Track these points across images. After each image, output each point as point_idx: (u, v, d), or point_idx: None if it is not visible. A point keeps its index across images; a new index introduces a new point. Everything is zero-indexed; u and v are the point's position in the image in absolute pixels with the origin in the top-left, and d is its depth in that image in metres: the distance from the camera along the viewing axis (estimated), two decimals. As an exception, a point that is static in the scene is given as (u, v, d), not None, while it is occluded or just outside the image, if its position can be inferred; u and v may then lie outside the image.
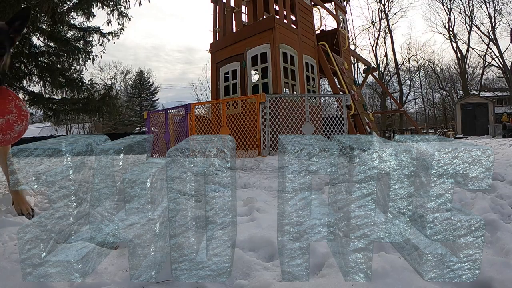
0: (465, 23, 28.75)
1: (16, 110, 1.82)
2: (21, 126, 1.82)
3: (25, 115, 1.85)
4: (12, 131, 1.79)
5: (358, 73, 16.78)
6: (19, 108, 1.83)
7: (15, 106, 1.82)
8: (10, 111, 1.81)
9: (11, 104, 1.82)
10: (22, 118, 1.83)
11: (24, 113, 1.84)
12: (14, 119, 1.81)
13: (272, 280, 1.05)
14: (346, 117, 5.74)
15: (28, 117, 1.86)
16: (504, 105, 26.97)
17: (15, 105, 1.83)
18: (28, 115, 1.86)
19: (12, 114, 1.81)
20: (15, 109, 1.82)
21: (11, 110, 1.81)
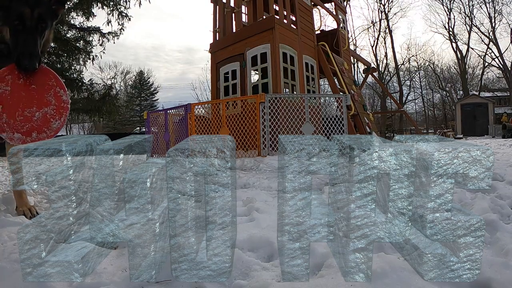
0: (465, 24, 28.78)
1: (56, 100, 1.52)
2: (59, 122, 1.53)
3: (65, 108, 1.54)
4: (49, 129, 1.50)
5: (358, 73, 16.78)
6: (59, 98, 1.53)
7: (54, 96, 1.51)
8: (48, 102, 1.51)
9: (50, 93, 1.52)
10: (61, 112, 1.53)
11: (64, 104, 1.54)
12: (52, 114, 1.51)
13: (271, 281, 1.05)
14: (346, 117, 5.74)
15: (68, 109, 1.55)
16: (504, 105, 26.98)
17: (55, 93, 1.52)
18: (68, 107, 1.55)
19: (50, 107, 1.50)
20: (54, 99, 1.52)
21: (49, 101, 1.51)
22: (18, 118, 1.45)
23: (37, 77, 1.51)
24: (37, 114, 1.48)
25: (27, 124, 1.46)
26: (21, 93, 1.47)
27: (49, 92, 1.52)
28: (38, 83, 1.51)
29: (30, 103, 1.48)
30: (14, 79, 1.46)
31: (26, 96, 1.47)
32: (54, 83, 1.53)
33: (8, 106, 1.43)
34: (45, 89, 1.52)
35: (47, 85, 1.52)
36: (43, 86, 1.52)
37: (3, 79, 1.44)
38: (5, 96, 1.43)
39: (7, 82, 1.45)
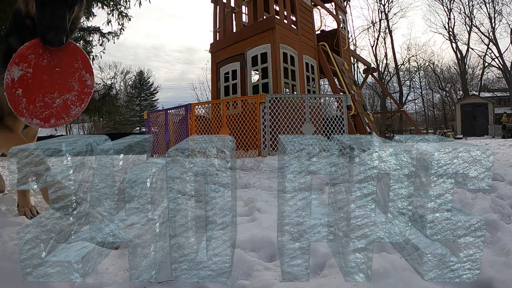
0: (465, 24, 28.79)
1: (79, 86, 1.40)
2: (79, 109, 1.41)
3: (88, 93, 1.43)
4: (68, 115, 1.39)
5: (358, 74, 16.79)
6: (83, 83, 1.41)
7: (78, 80, 1.39)
8: (71, 88, 1.39)
9: (75, 77, 1.40)
10: (83, 98, 1.41)
11: (88, 90, 1.42)
12: (73, 100, 1.40)
13: (274, 280, 1.05)
14: (346, 117, 5.74)
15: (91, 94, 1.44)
16: (504, 105, 26.98)
17: (80, 78, 1.40)
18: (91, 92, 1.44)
19: (73, 93, 1.39)
20: (77, 84, 1.40)
21: (72, 86, 1.39)
22: (38, 104, 1.35)
23: (62, 58, 1.39)
24: (58, 100, 1.38)
25: (47, 111, 1.37)
26: (44, 76, 1.36)
27: (74, 77, 1.40)
28: (63, 65, 1.39)
29: (51, 89, 1.37)
30: (37, 60, 1.35)
31: (49, 81, 1.36)
32: (81, 66, 1.41)
33: (28, 91, 1.33)
34: (70, 72, 1.40)
35: (72, 68, 1.40)
36: (68, 69, 1.39)
37: (25, 59, 1.33)
38: (26, 80, 1.33)
39: (30, 62, 1.34)
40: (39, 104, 1.35)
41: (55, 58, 1.38)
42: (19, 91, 1.32)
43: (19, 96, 1.32)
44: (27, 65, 1.34)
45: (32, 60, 1.35)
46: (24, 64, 1.34)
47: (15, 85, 1.32)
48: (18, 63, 1.33)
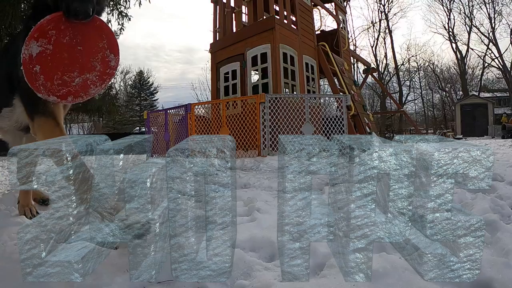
0: (465, 24, 28.79)
1: (102, 66, 1.33)
2: (98, 88, 1.36)
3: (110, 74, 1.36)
4: (86, 93, 1.34)
5: (357, 74, 16.80)
6: (106, 64, 1.33)
7: (101, 60, 1.33)
8: (92, 67, 1.32)
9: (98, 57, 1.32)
10: (104, 78, 1.35)
11: (110, 71, 1.35)
12: (93, 80, 1.33)
13: (273, 281, 1.05)
14: (346, 117, 5.74)
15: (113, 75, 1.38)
16: (503, 106, 26.99)
17: (103, 58, 1.32)
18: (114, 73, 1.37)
19: (93, 73, 1.32)
20: (100, 64, 1.32)
21: (94, 66, 1.32)
22: (56, 82, 1.29)
23: (86, 35, 1.29)
24: (77, 80, 1.31)
25: (65, 89, 1.30)
26: (64, 54, 1.27)
27: (97, 56, 1.32)
28: (86, 44, 1.30)
29: (71, 68, 1.29)
30: (58, 36, 1.26)
31: (69, 59, 1.28)
32: (105, 45, 1.32)
33: (46, 68, 1.26)
34: (93, 52, 1.31)
35: (95, 48, 1.31)
36: (91, 48, 1.30)
37: (45, 34, 1.24)
38: (45, 57, 1.25)
39: (50, 38, 1.25)
40: (57, 82, 1.28)
41: (78, 36, 1.28)
42: (37, 68, 1.24)
43: (36, 73, 1.25)
44: (46, 41, 1.25)
45: (52, 36, 1.25)
46: (43, 40, 1.24)
47: (32, 61, 1.24)
48: (37, 38, 1.23)
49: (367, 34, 39.93)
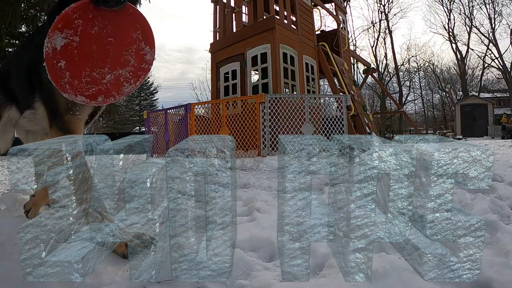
0: (465, 24, 28.82)
1: (136, 60, 1.18)
2: (132, 86, 1.20)
3: (145, 69, 1.20)
4: (118, 93, 1.19)
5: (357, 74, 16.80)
6: (141, 57, 1.18)
7: (136, 54, 1.17)
8: (125, 62, 1.17)
9: (131, 50, 1.17)
10: (139, 74, 1.19)
11: (146, 65, 1.20)
12: (127, 76, 1.18)
13: (273, 280, 1.05)
14: (346, 117, 5.74)
15: (149, 70, 1.22)
16: (503, 106, 27.01)
17: (137, 51, 1.17)
18: (149, 68, 1.21)
19: (127, 69, 1.17)
20: (134, 58, 1.17)
21: (127, 60, 1.17)
22: (84, 80, 1.15)
23: (117, 25, 1.15)
24: (109, 76, 1.16)
25: (94, 87, 1.16)
26: (93, 47, 1.13)
27: (130, 49, 1.17)
28: (118, 35, 1.15)
29: (102, 62, 1.15)
30: (85, 27, 1.12)
31: (98, 52, 1.14)
32: (140, 36, 1.16)
33: (73, 63, 1.12)
34: (126, 44, 1.16)
35: (129, 39, 1.16)
36: (124, 40, 1.15)
37: (70, 24, 1.11)
38: (71, 50, 1.11)
39: (76, 29, 1.11)
40: (85, 79, 1.15)
41: (108, 26, 1.14)
42: (62, 63, 1.11)
43: (61, 69, 1.11)
44: (72, 32, 1.11)
45: (79, 26, 1.11)
46: (69, 30, 1.11)
47: (56, 55, 1.11)
48: (61, 29, 1.10)
49: (367, 34, 39.98)
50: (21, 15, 6.02)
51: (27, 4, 7.73)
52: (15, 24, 6.14)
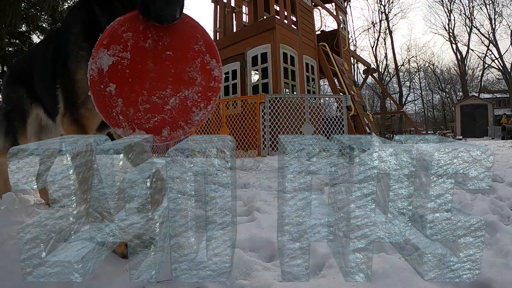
0: (465, 25, 28.85)
1: (203, 77, 0.96)
2: (204, 112, 0.99)
3: (215, 89, 0.99)
4: (188, 123, 0.98)
5: (358, 74, 16.79)
6: (208, 73, 0.97)
7: (201, 69, 0.96)
8: (191, 80, 0.95)
9: (196, 64, 0.96)
10: (209, 96, 0.98)
11: (215, 84, 0.98)
12: (195, 100, 0.96)
13: (273, 280, 1.05)
14: (346, 118, 5.74)
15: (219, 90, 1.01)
16: (503, 106, 27.02)
17: (202, 65, 0.96)
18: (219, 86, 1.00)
19: (194, 89, 0.96)
20: (200, 75, 0.97)
21: (193, 78, 0.96)
22: (142, 107, 0.95)
23: (175, 36, 0.96)
24: (172, 100, 0.95)
25: (156, 117, 0.96)
26: (148, 64, 0.94)
27: (194, 64, 0.96)
28: (177, 46, 0.96)
29: (162, 82, 0.95)
30: (137, 40, 0.94)
31: (157, 70, 0.95)
32: (203, 48, 0.97)
33: (126, 86, 0.93)
34: (188, 58, 0.96)
35: (191, 52, 0.96)
36: (185, 52, 0.96)
37: (117, 38, 0.93)
38: (121, 70, 0.93)
39: (125, 44, 0.93)
40: (143, 106, 0.95)
41: (164, 37, 0.95)
42: (111, 87, 0.92)
43: (111, 96, 0.92)
44: (121, 47, 0.93)
45: (129, 40, 0.93)
46: (117, 46, 0.93)
47: (104, 78, 0.92)
48: (107, 45, 0.92)
49: (367, 35, 39.97)
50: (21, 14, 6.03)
51: (28, 4, 7.75)
52: (15, 23, 6.14)
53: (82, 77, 1.05)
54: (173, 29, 0.96)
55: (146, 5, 0.90)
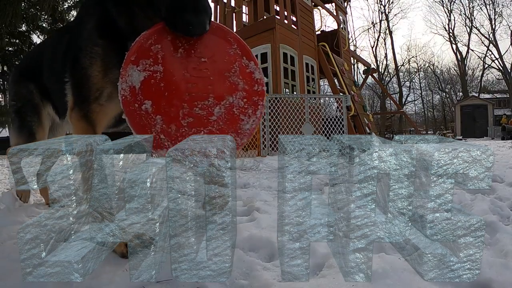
0: (465, 25, 28.87)
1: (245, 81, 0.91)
2: (253, 119, 0.93)
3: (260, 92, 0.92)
4: (238, 133, 0.92)
5: (358, 74, 16.80)
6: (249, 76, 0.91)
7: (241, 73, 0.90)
8: (233, 85, 0.90)
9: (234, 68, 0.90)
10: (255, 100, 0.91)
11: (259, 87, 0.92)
12: (242, 107, 0.90)
13: (272, 280, 1.05)
14: (346, 118, 5.75)
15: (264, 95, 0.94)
16: (503, 107, 27.04)
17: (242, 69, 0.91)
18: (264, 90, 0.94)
19: (238, 94, 0.90)
20: (241, 79, 0.91)
21: (234, 83, 0.90)
22: (185, 121, 0.89)
23: (206, 42, 0.91)
24: (217, 109, 0.89)
25: (202, 130, 0.90)
26: (184, 73, 0.88)
27: (232, 68, 0.91)
28: (212, 52, 0.90)
29: (202, 91, 0.89)
30: (167, 50, 0.89)
31: (194, 80, 0.89)
32: (238, 51, 0.92)
33: (162, 101, 0.86)
34: (225, 62, 0.90)
35: (227, 56, 0.91)
36: (221, 57, 0.91)
37: (146, 52, 0.88)
38: (155, 84, 0.87)
39: (155, 57, 0.88)
40: (186, 120, 0.89)
41: (196, 44, 0.90)
42: (147, 104, 0.87)
43: (147, 114, 0.87)
44: (151, 61, 0.89)
45: (158, 52, 0.89)
46: (146, 60, 0.88)
47: (137, 96, 0.87)
48: (136, 61, 0.88)
49: (368, 35, 39.97)
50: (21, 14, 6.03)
51: (28, 3, 7.75)
52: (15, 23, 6.14)
53: (96, 74, 1.05)
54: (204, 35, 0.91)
55: (173, 17, 0.86)
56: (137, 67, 0.88)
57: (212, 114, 0.90)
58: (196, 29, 0.87)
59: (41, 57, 1.57)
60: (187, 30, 0.88)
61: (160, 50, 0.89)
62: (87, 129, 1.13)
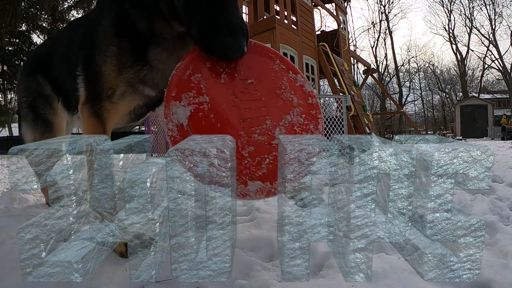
0: (465, 25, 28.89)
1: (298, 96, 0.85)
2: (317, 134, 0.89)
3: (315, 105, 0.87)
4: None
5: (357, 74, 16.81)
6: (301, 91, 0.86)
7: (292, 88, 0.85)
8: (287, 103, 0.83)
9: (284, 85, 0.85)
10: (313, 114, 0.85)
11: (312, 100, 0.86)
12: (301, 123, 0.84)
13: (272, 281, 1.05)
14: (346, 118, 5.75)
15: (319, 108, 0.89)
16: (503, 107, 27.06)
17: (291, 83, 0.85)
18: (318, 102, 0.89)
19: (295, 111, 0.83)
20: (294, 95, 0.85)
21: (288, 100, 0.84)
22: (245, 152, 0.81)
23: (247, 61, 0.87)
24: (277, 131, 0.82)
25: (266, 157, 0.81)
26: (232, 99, 0.82)
27: (282, 84, 0.86)
28: (255, 71, 0.86)
29: (257, 115, 0.81)
30: (210, 79, 0.83)
31: (245, 104, 0.82)
32: (282, 66, 0.88)
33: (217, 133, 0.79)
34: (273, 79, 0.86)
35: (273, 73, 0.87)
36: (268, 75, 0.86)
37: (186, 84, 0.82)
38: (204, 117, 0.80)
39: (198, 87, 0.82)
40: (247, 150, 0.81)
41: (237, 67, 0.86)
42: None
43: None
44: (195, 92, 0.82)
45: (200, 81, 0.83)
46: (189, 93, 0.82)
47: (187, 134, 0.80)
48: (177, 96, 0.82)
49: (367, 35, 39.99)
50: (21, 13, 6.03)
51: (28, 3, 7.76)
52: (15, 23, 6.14)
53: (110, 72, 1.05)
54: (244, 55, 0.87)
55: (208, 41, 0.81)
56: (180, 103, 0.82)
57: (274, 137, 0.82)
58: (236, 52, 0.84)
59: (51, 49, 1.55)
60: (225, 55, 0.84)
61: (201, 79, 0.83)
62: (97, 126, 1.12)
